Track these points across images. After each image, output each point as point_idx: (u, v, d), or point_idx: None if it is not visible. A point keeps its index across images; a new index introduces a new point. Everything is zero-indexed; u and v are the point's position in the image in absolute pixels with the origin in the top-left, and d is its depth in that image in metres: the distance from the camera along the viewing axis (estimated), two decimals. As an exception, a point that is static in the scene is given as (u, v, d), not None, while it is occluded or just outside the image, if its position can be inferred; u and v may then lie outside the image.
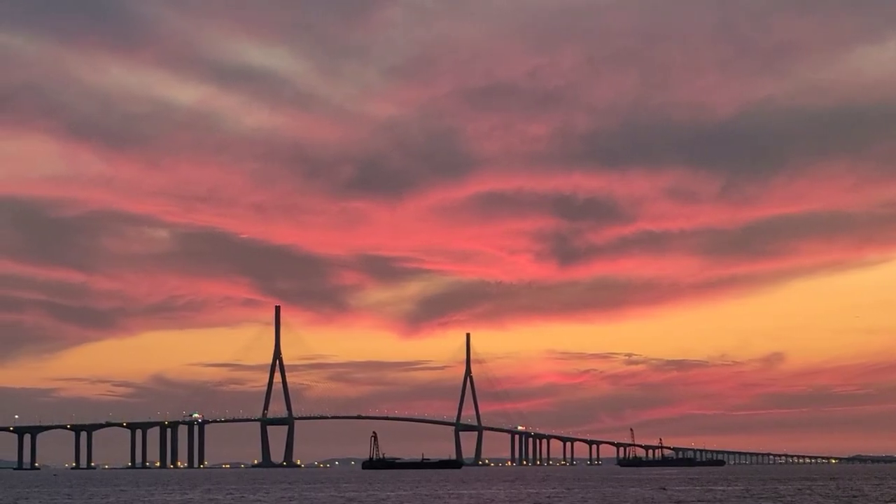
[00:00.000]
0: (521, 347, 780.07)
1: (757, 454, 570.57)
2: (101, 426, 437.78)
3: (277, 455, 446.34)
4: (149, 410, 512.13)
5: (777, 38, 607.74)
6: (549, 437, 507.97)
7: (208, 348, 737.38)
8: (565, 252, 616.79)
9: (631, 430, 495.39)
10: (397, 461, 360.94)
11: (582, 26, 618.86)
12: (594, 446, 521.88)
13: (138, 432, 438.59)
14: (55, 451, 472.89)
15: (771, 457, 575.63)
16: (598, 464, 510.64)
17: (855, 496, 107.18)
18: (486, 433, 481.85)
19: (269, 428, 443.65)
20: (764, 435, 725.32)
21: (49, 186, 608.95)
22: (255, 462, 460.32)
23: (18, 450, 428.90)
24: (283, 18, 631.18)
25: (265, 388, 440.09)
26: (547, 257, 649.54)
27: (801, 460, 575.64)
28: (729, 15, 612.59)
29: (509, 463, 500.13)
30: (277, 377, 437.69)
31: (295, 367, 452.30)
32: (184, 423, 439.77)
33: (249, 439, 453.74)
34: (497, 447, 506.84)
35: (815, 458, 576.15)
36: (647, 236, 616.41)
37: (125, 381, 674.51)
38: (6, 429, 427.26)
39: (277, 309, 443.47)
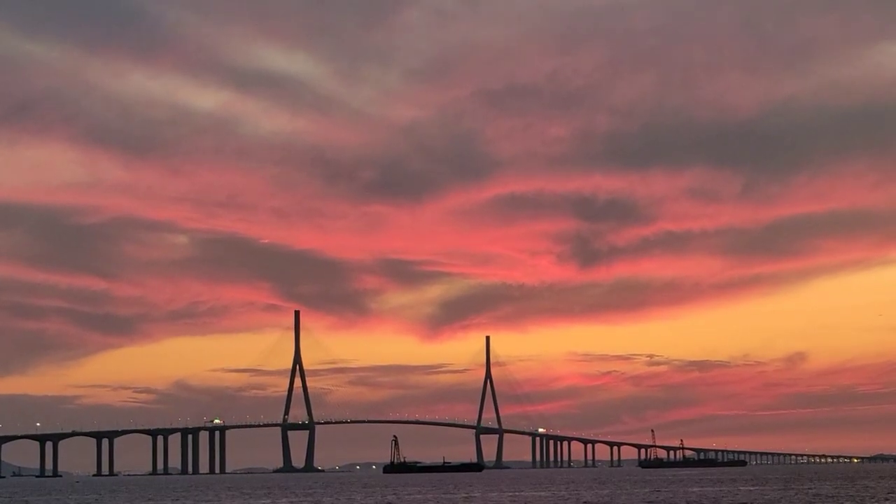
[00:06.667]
0: (542, 350, 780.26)
1: (779, 454, 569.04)
2: (122, 433, 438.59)
3: (298, 460, 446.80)
4: (170, 416, 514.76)
5: (798, 37, 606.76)
6: (570, 440, 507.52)
7: (229, 354, 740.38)
8: (586, 253, 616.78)
9: (652, 431, 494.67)
10: (418, 465, 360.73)
11: (602, 27, 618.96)
12: (615, 448, 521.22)
13: (160, 438, 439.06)
14: (77, 459, 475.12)
15: (793, 457, 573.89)
16: (620, 465, 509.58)
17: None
18: (506, 436, 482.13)
19: (289, 433, 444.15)
20: (786, 435, 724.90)
21: (69, 193, 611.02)
22: (276, 467, 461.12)
23: (40, 457, 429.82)
24: (303, 23, 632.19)
25: (286, 394, 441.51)
26: (568, 259, 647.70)
27: (823, 460, 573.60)
28: (750, 13, 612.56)
29: (531, 466, 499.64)
30: (298, 382, 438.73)
31: (316, 372, 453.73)
32: (205, 428, 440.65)
33: (270, 444, 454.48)
34: (518, 450, 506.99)
35: (838, 457, 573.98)
36: (668, 237, 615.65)
37: (147, 388, 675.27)
38: (28, 436, 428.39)
39: (296, 313, 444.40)
